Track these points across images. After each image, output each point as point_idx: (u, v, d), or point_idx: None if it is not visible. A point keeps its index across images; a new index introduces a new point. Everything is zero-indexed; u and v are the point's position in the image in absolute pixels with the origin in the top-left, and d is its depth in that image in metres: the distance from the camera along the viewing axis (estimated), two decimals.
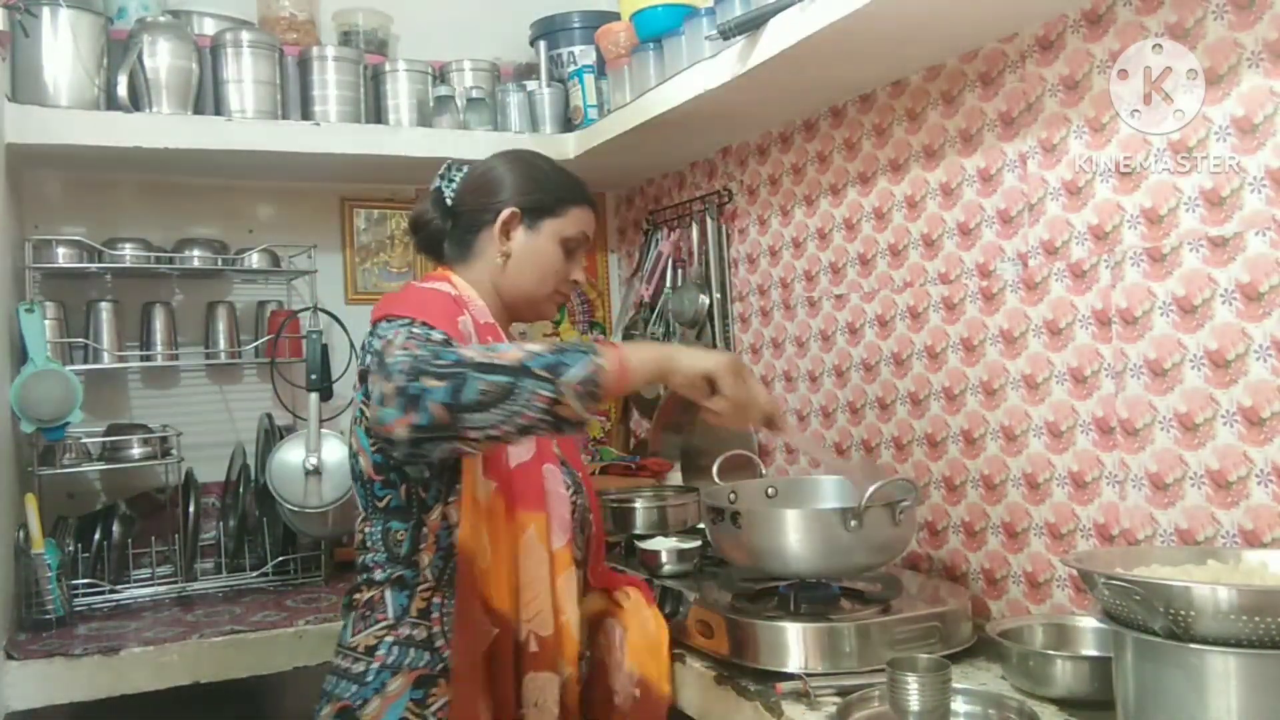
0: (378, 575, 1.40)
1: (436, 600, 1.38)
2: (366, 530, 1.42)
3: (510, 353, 1.15)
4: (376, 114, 2.44)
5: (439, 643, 1.36)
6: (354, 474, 1.44)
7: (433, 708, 1.34)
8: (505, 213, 1.50)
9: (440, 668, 1.35)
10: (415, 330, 1.28)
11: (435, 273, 1.55)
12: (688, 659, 1.58)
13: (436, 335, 1.28)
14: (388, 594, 1.38)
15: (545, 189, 1.54)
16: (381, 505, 1.40)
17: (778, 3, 1.64)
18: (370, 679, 1.35)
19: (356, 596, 1.42)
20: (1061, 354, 1.57)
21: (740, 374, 1.29)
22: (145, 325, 2.33)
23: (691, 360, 1.27)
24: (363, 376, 1.35)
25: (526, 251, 1.52)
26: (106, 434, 2.24)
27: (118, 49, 2.17)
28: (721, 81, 1.85)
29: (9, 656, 1.77)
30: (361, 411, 1.37)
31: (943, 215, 1.79)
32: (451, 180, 1.56)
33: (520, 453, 1.41)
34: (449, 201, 1.55)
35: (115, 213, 2.38)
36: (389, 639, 1.36)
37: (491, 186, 1.53)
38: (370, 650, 1.36)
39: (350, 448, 1.45)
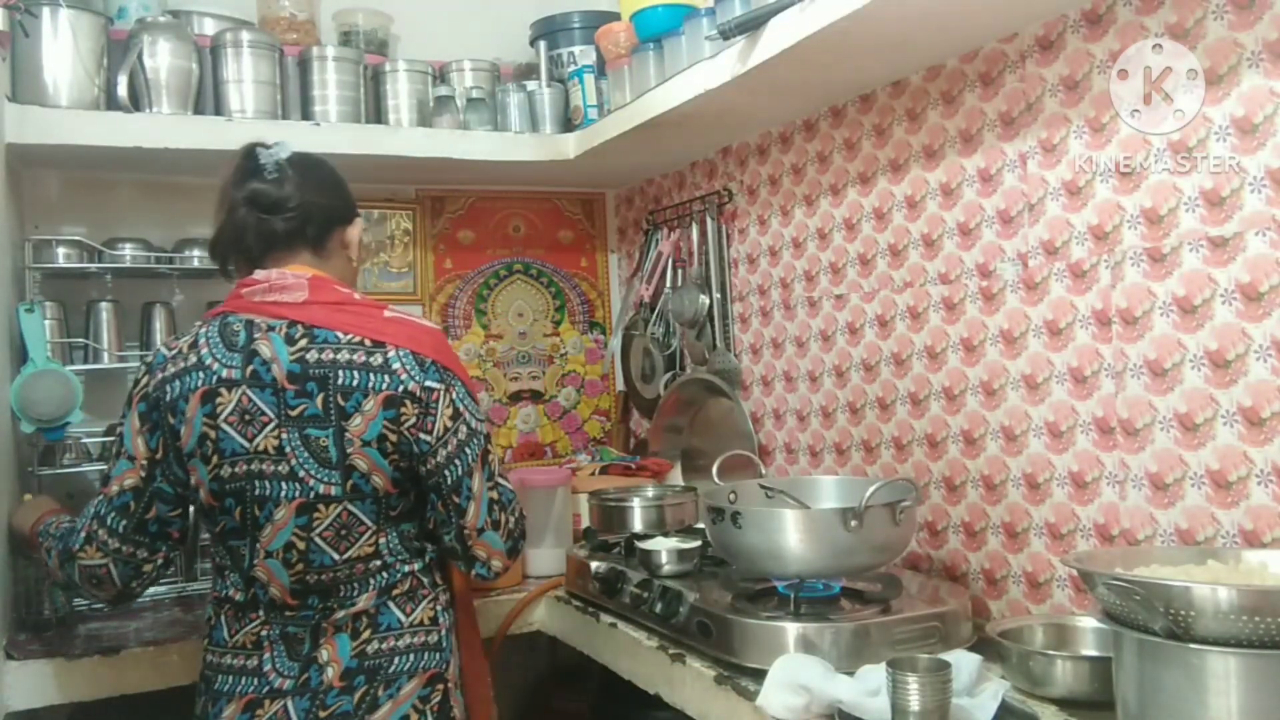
0: (407, 568, 1.49)
1: (438, 568, 1.56)
2: (380, 541, 1.46)
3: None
4: (376, 114, 2.44)
5: (447, 598, 1.56)
6: (359, 494, 1.43)
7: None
8: (360, 221, 1.60)
9: (453, 608, 1.57)
10: (494, 446, 1.53)
11: (320, 274, 1.50)
12: (688, 659, 1.58)
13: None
14: (423, 577, 1.50)
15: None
16: (395, 514, 1.47)
17: (778, 3, 1.64)
18: (444, 644, 1.49)
19: (395, 590, 1.47)
20: (1061, 354, 1.57)
21: None
22: (145, 325, 2.32)
23: None
24: (392, 401, 1.42)
25: (360, 258, 1.64)
26: (106, 434, 2.24)
27: (118, 49, 2.17)
28: (721, 81, 1.85)
29: (9, 656, 1.77)
30: (382, 435, 1.42)
31: (943, 215, 1.79)
32: (284, 167, 1.51)
33: None
34: (298, 188, 1.50)
35: (115, 213, 2.38)
36: (439, 607, 1.51)
37: (344, 188, 1.59)
38: (434, 620, 1.49)
39: (354, 469, 1.42)
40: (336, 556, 1.43)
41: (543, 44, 2.55)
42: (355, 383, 1.41)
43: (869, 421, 1.99)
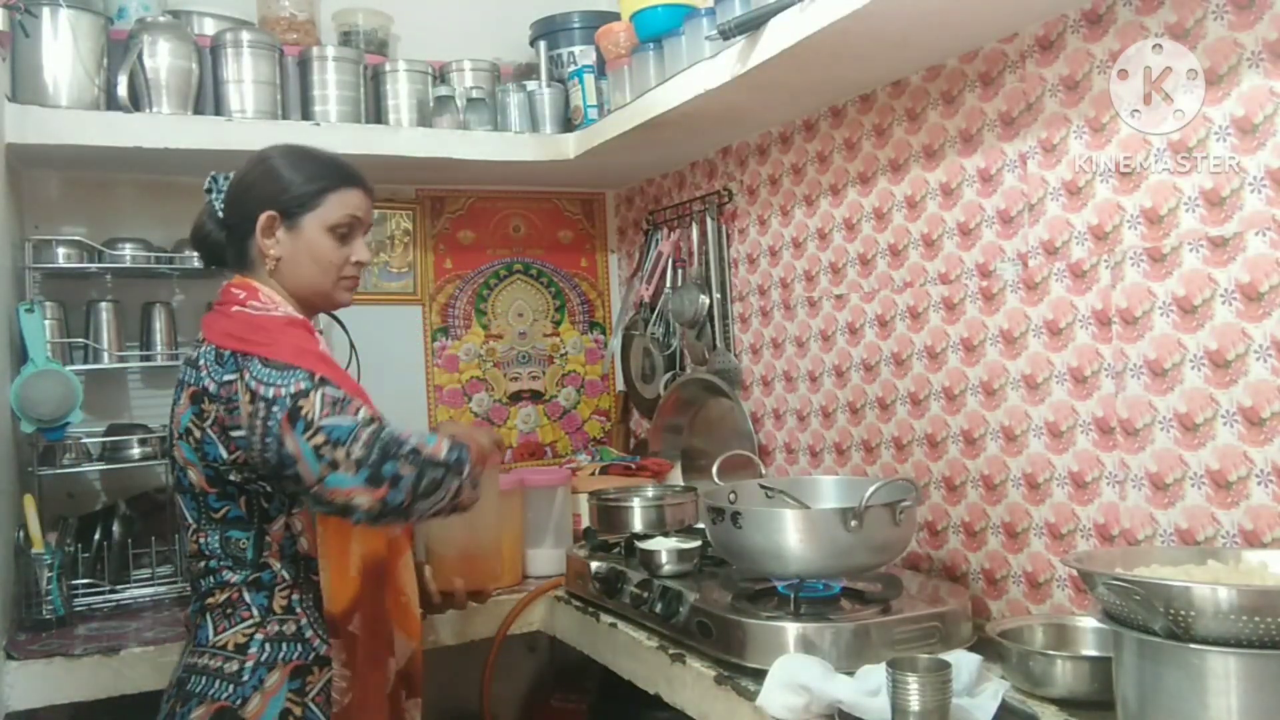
0: (229, 577, 1.44)
1: (296, 596, 1.44)
2: (201, 540, 1.45)
3: (439, 446, 1.36)
4: (376, 114, 2.44)
5: (308, 634, 1.42)
6: (181, 487, 1.47)
7: (310, 694, 1.40)
8: (262, 218, 1.50)
9: (313, 657, 1.42)
10: (329, 392, 1.35)
11: (237, 281, 1.54)
12: (688, 659, 1.58)
13: (340, 395, 1.36)
14: (246, 594, 1.43)
15: (295, 184, 1.52)
16: (218, 516, 1.44)
17: (778, 3, 1.64)
18: (246, 677, 1.37)
19: (210, 600, 1.44)
20: (1061, 354, 1.57)
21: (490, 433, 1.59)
22: (145, 325, 2.32)
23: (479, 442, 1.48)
24: (196, 397, 1.41)
25: (294, 251, 1.52)
26: (106, 434, 2.24)
27: (118, 49, 2.17)
28: (721, 81, 1.84)
29: (9, 656, 1.77)
30: (188, 429, 1.42)
31: (943, 215, 1.79)
32: (221, 190, 1.57)
33: None
34: (220, 213, 1.56)
35: (115, 213, 2.38)
36: (259, 636, 1.40)
37: (246, 194, 1.53)
38: (241, 648, 1.39)
39: (175, 461, 1.47)
40: (187, 547, 1.49)
41: (543, 44, 2.55)
42: (181, 377, 1.47)
43: (869, 421, 1.99)
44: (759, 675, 1.41)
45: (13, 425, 2.00)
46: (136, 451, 2.23)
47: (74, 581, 2.04)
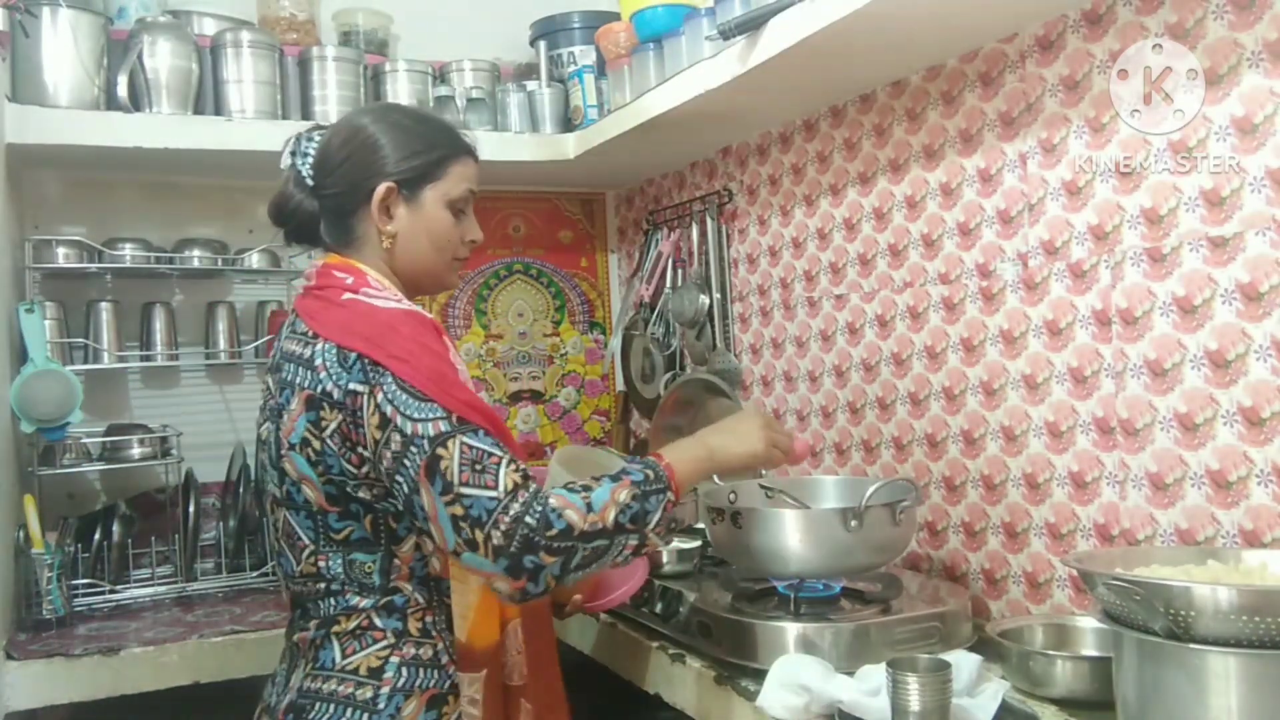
0: (357, 602, 1.28)
1: (431, 619, 1.29)
2: (320, 564, 1.28)
3: (607, 509, 1.18)
4: None
5: (444, 660, 1.28)
6: (293, 503, 1.29)
7: None
8: (380, 190, 1.33)
9: (449, 685, 1.27)
10: (468, 443, 1.18)
11: (337, 262, 1.36)
12: (688, 659, 1.58)
13: (485, 444, 1.19)
14: (377, 619, 1.28)
15: (419, 151, 1.35)
16: (339, 538, 1.27)
17: (778, 3, 1.64)
18: (383, 705, 1.23)
19: (336, 628, 1.28)
20: (1061, 354, 1.57)
21: (774, 429, 1.39)
22: (145, 325, 2.33)
23: (735, 451, 1.35)
24: (313, 402, 1.23)
25: (414, 227, 1.36)
26: (106, 434, 2.24)
27: (118, 49, 2.17)
28: (721, 81, 1.84)
29: (9, 656, 1.77)
30: (305, 439, 1.25)
31: (943, 215, 1.79)
32: (306, 155, 1.37)
33: None
34: (309, 181, 1.37)
35: (115, 213, 2.38)
36: (395, 659, 1.26)
37: (351, 161, 1.34)
38: (376, 672, 1.25)
39: (285, 474, 1.28)
40: (295, 566, 1.31)
41: (543, 44, 2.55)
42: (290, 378, 1.28)
43: (869, 421, 1.99)
44: (759, 675, 1.41)
45: (13, 425, 2.00)
46: (136, 451, 2.23)
47: (74, 581, 2.04)
